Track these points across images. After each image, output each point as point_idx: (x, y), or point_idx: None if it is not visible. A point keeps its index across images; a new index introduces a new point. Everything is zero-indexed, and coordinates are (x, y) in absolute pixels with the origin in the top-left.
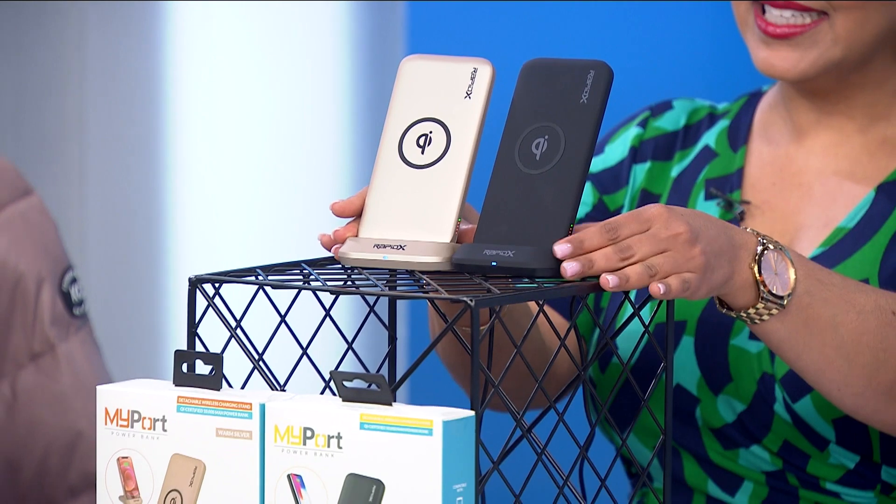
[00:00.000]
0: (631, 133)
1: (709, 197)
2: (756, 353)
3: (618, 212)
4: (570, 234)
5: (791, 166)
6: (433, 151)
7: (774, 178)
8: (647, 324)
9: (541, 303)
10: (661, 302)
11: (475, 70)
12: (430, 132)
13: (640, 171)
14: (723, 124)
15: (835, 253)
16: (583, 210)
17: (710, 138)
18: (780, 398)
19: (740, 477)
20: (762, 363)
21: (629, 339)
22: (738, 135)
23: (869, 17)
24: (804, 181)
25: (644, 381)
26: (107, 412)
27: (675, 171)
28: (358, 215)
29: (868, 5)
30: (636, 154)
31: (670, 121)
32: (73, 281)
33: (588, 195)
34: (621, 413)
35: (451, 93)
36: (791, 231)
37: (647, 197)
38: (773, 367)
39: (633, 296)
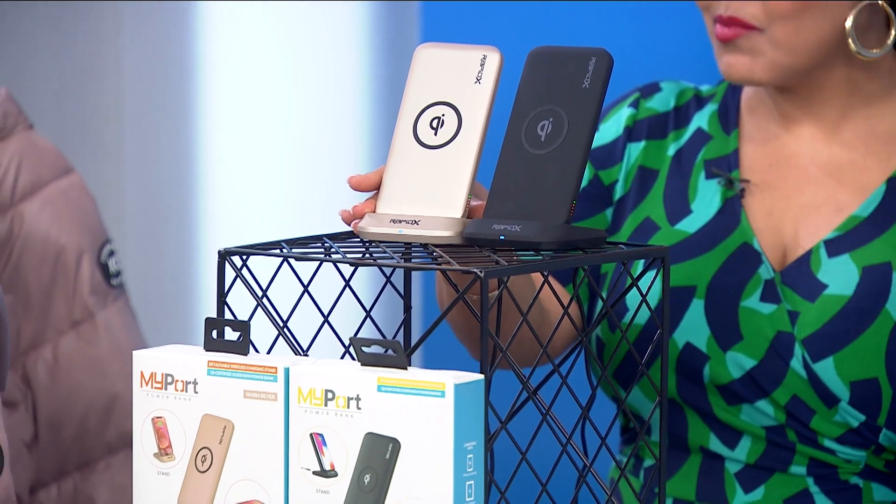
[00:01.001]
0: (624, 113)
1: (710, 176)
2: (768, 314)
3: (612, 186)
4: (573, 209)
5: (784, 150)
6: (445, 133)
7: (770, 160)
8: (644, 294)
9: (545, 274)
10: (658, 271)
11: (484, 57)
12: (443, 115)
13: (636, 149)
14: (712, 108)
15: (851, 238)
16: None
17: (701, 120)
18: (800, 355)
19: (740, 432)
20: (776, 323)
21: (638, 300)
22: (729, 118)
23: (803, 24)
24: (800, 163)
25: (654, 339)
26: (142, 375)
27: (672, 149)
28: (374, 191)
29: (803, 14)
30: (631, 133)
31: (660, 102)
32: (111, 253)
33: (585, 171)
34: (627, 370)
35: (462, 78)
36: (794, 209)
37: (644, 172)
38: (793, 328)
39: (632, 267)
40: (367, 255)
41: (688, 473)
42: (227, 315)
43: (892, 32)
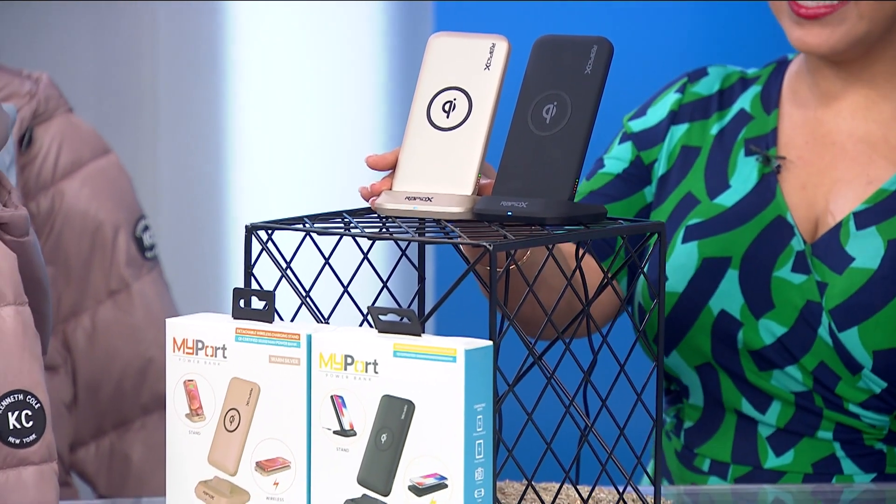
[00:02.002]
0: (671, 98)
1: (748, 153)
2: (799, 284)
3: (652, 164)
4: (576, 187)
5: (821, 128)
6: (457, 116)
7: (807, 138)
8: (642, 265)
9: (549, 247)
10: (651, 248)
11: (493, 45)
12: (455, 99)
13: (679, 131)
14: (755, 90)
15: (879, 210)
16: (621, 166)
17: (744, 102)
18: (827, 324)
19: (771, 396)
20: (805, 293)
21: (677, 271)
22: (770, 99)
23: None
24: (836, 140)
25: (692, 306)
26: (175, 341)
27: (715, 129)
28: (390, 170)
29: None
30: (675, 116)
31: (705, 86)
32: (146, 228)
33: (627, 152)
34: (666, 335)
35: (473, 65)
36: (828, 183)
37: (687, 150)
38: (821, 298)
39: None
40: (384, 230)
41: (724, 435)
42: (254, 285)
43: None
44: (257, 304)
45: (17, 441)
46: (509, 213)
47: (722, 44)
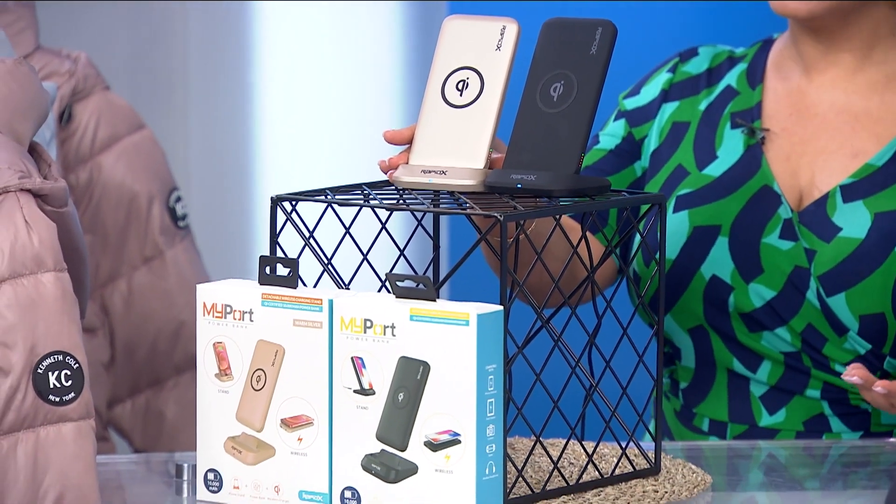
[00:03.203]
0: (662, 77)
1: (734, 126)
2: (786, 251)
3: (642, 140)
4: (581, 161)
5: (804, 100)
6: (469, 94)
7: (790, 110)
8: (643, 233)
9: (557, 218)
10: (654, 217)
11: (504, 27)
12: (467, 78)
13: (670, 108)
14: (741, 67)
15: (865, 185)
16: (613, 142)
17: (731, 79)
18: (815, 289)
19: (761, 356)
20: (793, 259)
21: (670, 238)
22: (755, 75)
23: None
24: (819, 111)
25: (685, 272)
26: (205, 305)
27: (703, 104)
28: (407, 144)
29: None
30: (666, 95)
31: (695, 66)
32: (178, 199)
33: (620, 129)
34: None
35: (485, 46)
36: (811, 153)
37: (677, 126)
38: (809, 265)
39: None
40: (401, 201)
41: (718, 393)
42: (279, 253)
43: None
44: (282, 271)
45: (57, 399)
46: (519, 186)
47: (716, 28)
